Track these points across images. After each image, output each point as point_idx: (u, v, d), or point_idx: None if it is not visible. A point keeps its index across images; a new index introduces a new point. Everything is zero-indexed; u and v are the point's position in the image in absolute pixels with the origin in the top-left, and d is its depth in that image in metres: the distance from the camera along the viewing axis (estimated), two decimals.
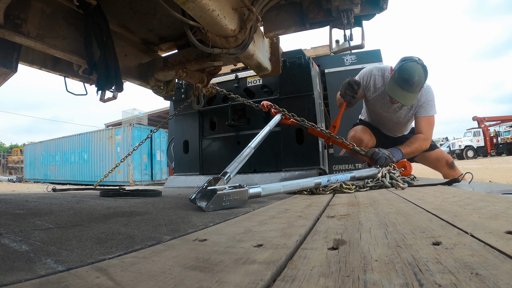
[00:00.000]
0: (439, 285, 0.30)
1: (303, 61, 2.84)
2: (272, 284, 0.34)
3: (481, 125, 21.60)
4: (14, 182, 16.85)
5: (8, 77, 1.66)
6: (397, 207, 0.85)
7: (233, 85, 3.08)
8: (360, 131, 2.36)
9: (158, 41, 2.25)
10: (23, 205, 1.18)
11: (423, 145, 2.12)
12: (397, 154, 1.96)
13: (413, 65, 1.91)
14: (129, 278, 0.36)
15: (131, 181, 10.11)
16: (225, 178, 1.36)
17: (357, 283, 0.32)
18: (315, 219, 0.74)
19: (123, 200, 1.44)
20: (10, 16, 1.36)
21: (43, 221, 0.80)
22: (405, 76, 1.90)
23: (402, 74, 1.92)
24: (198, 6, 1.19)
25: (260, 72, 2.09)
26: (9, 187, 10.03)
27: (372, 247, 0.46)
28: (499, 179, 5.08)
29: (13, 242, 0.57)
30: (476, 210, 0.71)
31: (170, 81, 2.40)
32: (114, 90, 1.91)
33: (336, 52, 1.74)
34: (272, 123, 2.01)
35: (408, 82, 1.90)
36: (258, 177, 2.74)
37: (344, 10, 1.54)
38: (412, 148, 2.06)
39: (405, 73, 1.91)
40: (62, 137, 13.38)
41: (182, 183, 3.18)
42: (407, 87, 1.92)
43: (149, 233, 0.65)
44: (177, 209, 1.09)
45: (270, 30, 1.78)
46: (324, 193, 1.49)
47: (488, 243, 0.43)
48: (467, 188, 1.34)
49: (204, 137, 3.27)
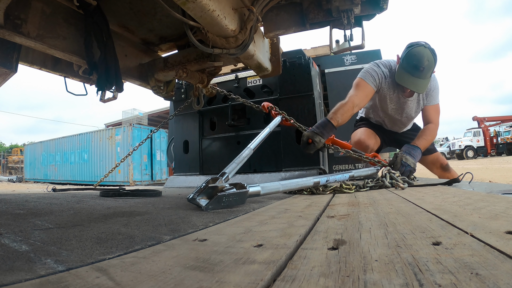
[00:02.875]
0: (439, 285, 0.30)
1: (303, 61, 2.84)
2: (272, 284, 0.34)
3: (481, 125, 21.60)
4: (14, 182, 16.86)
5: (8, 77, 1.66)
6: (397, 207, 0.85)
7: (233, 85, 3.08)
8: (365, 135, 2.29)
9: (158, 41, 2.25)
10: (23, 205, 1.18)
11: (435, 134, 2.08)
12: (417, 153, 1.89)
13: (420, 50, 1.82)
14: (129, 278, 0.36)
15: (131, 181, 10.11)
16: (223, 178, 1.36)
17: (357, 283, 0.32)
18: (315, 219, 0.74)
19: (123, 200, 1.44)
20: (10, 16, 1.36)
21: (43, 221, 0.80)
22: (414, 62, 1.82)
23: (411, 60, 1.83)
24: (198, 7, 1.19)
25: (260, 73, 2.09)
26: (9, 187, 10.03)
27: (372, 247, 0.46)
28: (499, 179, 5.08)
29: (13, 242, 0.57)
30: (476, 210, 0.71)
31: (170, 81, 2.40)
32: (114, 90, 1.91)
33: (336, 52, 1.74)
34: (272, 125, 2.01)
35: (418, 68, 1.81)
36: (258, 177, 2.74)
37: (344, 10, 1.54)
38: (428, 141, 2.00)
39: (414, 59, 1.82)
40: (62, 137, 13.38)
41: (182, 183, 3.18)
42: (418, 73, 1.83)
43: (149, 233, 0.65)
44: (177, 209, 1.09)
45: (270, 30, 1.78)
46: (324, 193, 1.48)
47: (488, 243, 0.43)
48: (467, 188, 1.34)
49: (204, 137, 3.27)
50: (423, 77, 1.85)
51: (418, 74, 1.84)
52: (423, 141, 1.98)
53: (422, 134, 2.03)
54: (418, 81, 1.86)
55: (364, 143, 2.22)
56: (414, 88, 1.88)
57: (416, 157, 1.89)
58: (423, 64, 1.80)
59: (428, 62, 1.81)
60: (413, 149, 1.92)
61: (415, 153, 1.90)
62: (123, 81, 1.92)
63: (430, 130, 2.06)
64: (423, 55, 1.81)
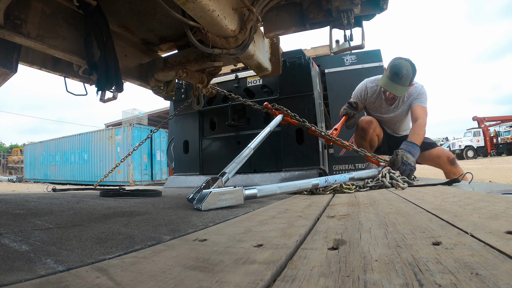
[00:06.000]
0: (439, 285, 0.30)
1: (303, 61, 2.83)
2: (272, 284, 0.34)
3: (481, 125, 21.59)
4: (14, 182, 16.85)
5: (8, 77, 1.66)
6: (397, 207, 0.85)
7: (233, 85, 3.08)
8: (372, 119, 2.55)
9: (158, 41, 2.25)
10: (23, 205, 1.18)
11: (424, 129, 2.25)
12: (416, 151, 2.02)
13: (401, 62, 2.22)
14: (129, 278, 0.36)
15: (131, 181, 10.11)
16: (223, 178, 1.36)
17: (357, 283, 0.32)
18: (315, 219, 0.74)
19: (123, 200, 1.44)
20: (10, 17, 1.36)
21: (43, 221, 0.80)
22: (395, 70, 2.20)
23: (392, 69, 2.21)
24: (198, 7, 1.19)
25: (260, 73, 2.09)
26: (9, 187, 10.03)
27: (372, 247, 0.46)
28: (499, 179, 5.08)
29: (13, 242, 0.57)
30: (476, 210, 0.71)
31: (170, 81, 2.40)
32: (114, 90, 1.91)
33: (336, 52, 1.74)
34: (272, 124, 2.01)
35: (398, 75, 2.19)
36: (258, 177, 2.74)
37: (344, 10, 1.54)
38: (420, 136, 2.16)
39: (395, 68, 2.20)
40: (62, 137, 13.37)
41: (182, 183, 3.18)
42: (397, 80, 2.21)
43: (149, 233, 0.65)
44: (177, 209, 1.09)
45: (270, 31, 1.78)
46: (324, 193, 1.48)
47: (488, 243, 0.43)
48: (467, 188, 1.34)
49: (204, 137, 3.27)
50: (401, 84, 2.22)
51: (397, 81, 2.21)
52: (416, 136, 2.12)
53: (413, 130, 2.22)
54: (397, 86, 2.23)
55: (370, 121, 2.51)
56: (393, 91, 2.25)
57: (416, 154, 2.00)
58: (402, 73, 2.19)
59: (406, 71, 2.19)
60: (412, 146, 2.02)
61: (414, 151, 2.00)
62: (123, 81, 1.92)
63: (419, 126, 2.22)
64: (403, 66, 2.20)
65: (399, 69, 2.19)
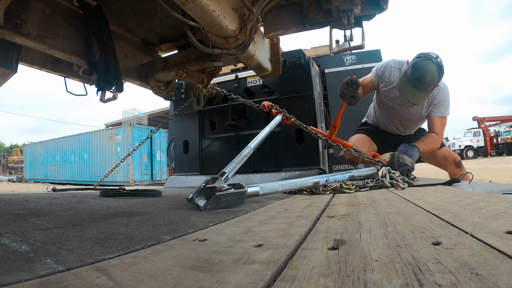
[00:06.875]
0: (439, 285, 0.30)
1: (303, 61, 2.84)
2: (272, 284, 0.34)
3: (481, 125, 21.59)
4: (14, 182, 16.85)
5: (8, 77, 1.66)
6: (397, 207, 0.85)
7: (233, 85, 3.08)
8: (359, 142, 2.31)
9: (158, 41, 2.25)
10: (23, 205, 1.18)
11: (436, 145, 2.08)
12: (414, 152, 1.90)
13: (427, 64, 1.83)
14: (129, 278, 0.36)
15: (131, 181, 10.11)
16: (223, 178, 1.36)
17: (357, 283, 0.32)
18: (315, 219, 0.74)
19: (123, 200, 1.44)
20: (10, 17, 1.36)
21: (43, 221, 0.80)
22: (417, 74, 1.83)
23: (414, 71, 1.85)
24: (198, 7, 1.19)
25: (260, 73, 2.09)
26: (9, 187, 10.03)
27: (372, 247, 0.46)
28: (499, 179, 5.08)
29: (13, 242, 0.57)
30: (476, 210, 0.71)
31: (170, 81, 2.40)
32: (114, 90, 1.91)
33: (336, 53, 1.74)
34: (272, 124, 2.01)
35: (420, 81, 1.83)
36: (258, 177, 2.74)
37: (344, 10, 1.54)
38: (428, 147, 2.01)
39: (418, 71, 1.83)
40: (62, 137, 13.37)
41: (182, 183, 3.18)
42: (418, 86, 1.85)
43: (149, 233, 0.65)
44: (177, 209, 1.09)
45: (271, 31, 1.78)
46: (324, 193, 1.48)
47: (488, 243, 0.43)
48: (467, 188, 1.34)
49: (204, 137, 3.27)
50: (422, 90, 1.87)
51: (418, 86, 1.86)
52: (422, 145, 1.98)
53: (424, 139, 2.04)
54: (417, 93, 1.88)
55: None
56: (410, 98, 1.90)
57: (414, 155, 1.90)
58: (425, 79, 1.82)
59: (431, 77, 1.82)
60: (410, 147, 1.92)
61: (413, 152, 1.90)
62: (123, 81, 1.92)
63: (432, 138, 2.05)
64: (427, 70, 1.81)
65: (423, 73, 1.82)
